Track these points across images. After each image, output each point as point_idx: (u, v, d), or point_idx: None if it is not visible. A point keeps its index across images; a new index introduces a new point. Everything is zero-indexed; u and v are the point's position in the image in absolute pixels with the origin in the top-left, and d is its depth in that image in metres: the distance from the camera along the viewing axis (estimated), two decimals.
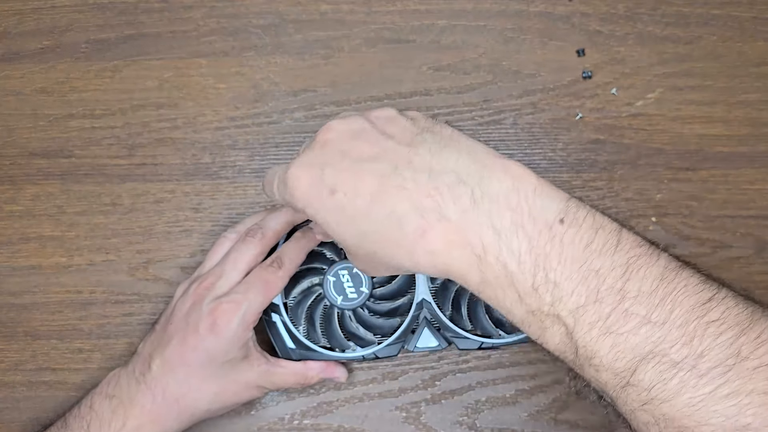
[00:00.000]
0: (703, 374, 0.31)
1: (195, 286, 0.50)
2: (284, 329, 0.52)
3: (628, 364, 0.32)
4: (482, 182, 0.34)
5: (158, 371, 0.48)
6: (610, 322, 0.32)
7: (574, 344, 0.33)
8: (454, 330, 0.51)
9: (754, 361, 0.31)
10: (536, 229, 0.33)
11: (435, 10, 0.60)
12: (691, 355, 0.31)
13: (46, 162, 0.59)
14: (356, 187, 0.36)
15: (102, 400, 0.49)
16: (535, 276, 0.33)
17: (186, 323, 0.49)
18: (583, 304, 0.32)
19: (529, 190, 0.34)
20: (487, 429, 0.55)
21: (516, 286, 0.34)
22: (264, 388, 0.51)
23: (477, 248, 0.34)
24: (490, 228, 0.34)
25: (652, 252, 0.34)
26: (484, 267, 0.34)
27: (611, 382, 0.33)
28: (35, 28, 0.60)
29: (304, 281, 0.53)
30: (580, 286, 0.32)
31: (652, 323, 0.32)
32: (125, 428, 0.48)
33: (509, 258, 0.33)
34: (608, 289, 0.32)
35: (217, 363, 0.48)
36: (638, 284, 0.32)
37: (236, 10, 0.60)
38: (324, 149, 0.38)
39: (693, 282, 0.33)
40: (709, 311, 0.32)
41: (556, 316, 0.33)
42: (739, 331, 0.31)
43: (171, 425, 0.49)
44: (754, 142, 0.58)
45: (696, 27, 0.59)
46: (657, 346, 0.31)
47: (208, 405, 0.49)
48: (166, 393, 0.48)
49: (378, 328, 0.52)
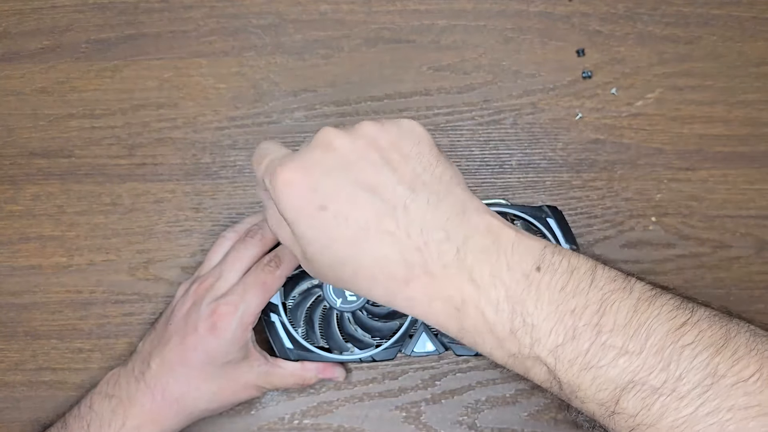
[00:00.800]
0: (683, 396, 0.32)
1: (195, 286, 0.50)
2: (283, 330, 0.52)
3: (610, 394, 0.33)
4: (467, 241, 0.35)
5: (158, 370, 0.48)
6: (589, 356, 0.33)
7: (558, 381, 0.34)
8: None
9: (731, 378, 0.32)
10: (514, 279, 0.34)
11: (435, 10, 0.60)
12: (669, 379, 0.32)
13: (46, 162, 0.59)
14: (349, 213, 0.36)
15: (101, 400, 0.49)
16: (513, 321, 0.34)
17: (185, 323, 0.49)
18: (561, 342, 0.34)
19: (508, 245, 0.35)
20: (487, 429, 0.55)
21: (495, 333, 0.35)
22: (263, 388, 0.51)
23: (456, 301, 0.35)
24: (471, 282, 0.35)
25: (626, 285, 0.35)
26: (462, 317, 0.35)
27: (598, 411, 0.34)
28: (35, 28, 0.60)
29: (304, 282, 0.53)
30: (557, 325, 0.34)
31: (629, 353, 0.33)
32: (125, 428, 0.48)
33: (487, 307, 0.34)
34: (584, 325, 0.33)
35: (217, 363, 0.48)
36: (613, 318, 0.33)
37: (236, 10, 0.60)
38: (325, 156, 0.37)
39: (666, 309, 0.34)
40: (683, 335, 0.33)
41: (536, 357, 0.34)
42: (714, 351, 0.32)
43: (170, 424, 0.49)
44: (754, 142, 0.58)
45: (696, 27, 0.59)
46: (636, 375, 0.33)
47: (206, 404, 0.50)
48: (166, 392, 0.48)
49: (376, 331, 0.52)
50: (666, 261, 0.57)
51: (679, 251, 0.57)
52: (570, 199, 0.58)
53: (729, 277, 0.56)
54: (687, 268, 0.57)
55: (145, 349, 0.50)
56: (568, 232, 0.52)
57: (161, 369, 0.48)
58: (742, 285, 0.56)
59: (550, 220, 0.52)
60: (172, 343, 0.49)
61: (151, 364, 0.49)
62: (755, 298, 0.56)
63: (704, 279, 0.56)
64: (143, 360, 0.49)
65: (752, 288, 0.56)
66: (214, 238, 0.55)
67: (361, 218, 0.35)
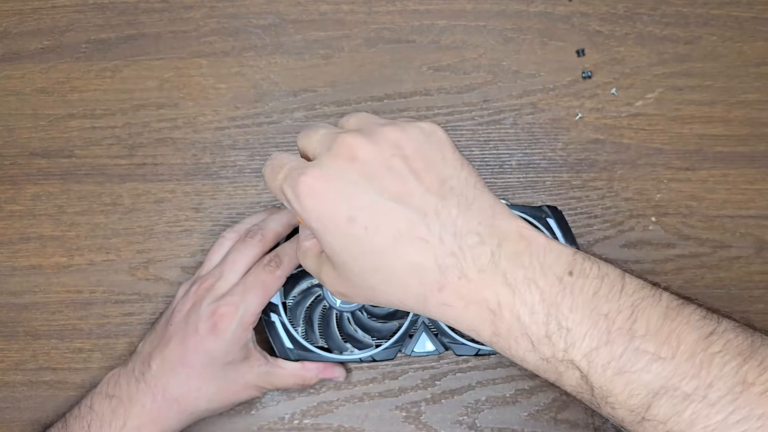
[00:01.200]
0: (714, 403, 0.32)
1: (195, 287, 0.50)
2: (283, 330, 0.52)
3: (642, 400, 0.33)
4: (501, 245, 0.36)
5: (158, 371, 0.48)
6: (623, 361, 0.34)
7: (590, 386, 0.35)
8: (452, 336, 0.51)
9: (760, 386, 0.32)
10: (548, 283, 0.35)
11: (435, 10, 0.60)
12: (701, 386, 0.32)
13: (46, 162, 0.59)
14: (379, 224, 0.35)
15: (102, 400, 0.49)
16: (548, 325, 0.34)
17: (186, 324, 0.49)
18: (595, 346, 0.34)
19: (540, 249, 0.36)
20: (487, 428, 0.55)
21: (530, 336, 0.35)
22: (263, 388, 0.51)
23: (492, 304, 0.35)
24: (505, 285, 0.35)
25: (654, 293, 0.35)
26: (497, 320, 0.35)
27: (627, 418, 0.34)
28: (35, 28, 0.60)
29: (304, 282, 0.53)
30: (592, 329, 0.34)
31: (662, 359, 0.33)
32: (125, 428, 0.48)
33: (522, 310, 0.35)
34: (618, 330, 0.34)
35: (218, 364, 0.48)
36: (645, 323, 0.34)
37: (236, 11, 0.60)
38: (349, 166, 0.36)
39: (695, 318, 0.34)
40: (712, 344, 0.33)
41: (570, 361, 0.34)
42: (742, 360, 0.33)
43: (171, 424, 0.49)
44: (754, 142, 0.58)
45: (696, 27, 0.60)
46: (668, 381, 0.33)
47: (207, 404, 0.50)
48: (167, 392, 0.48)
49: (376, 332, 0.53)
50: (666, 261, 0.57)
51: (679, 251, 0.57)
52: (570, 199, 0.58)
53: (729, 277, 0.56)
54: (687, 268, 0.57)
55: (146, 350, 0.50)
56: (568, 232, 0.52)
57: (162, 369, 0.48)
58: (741, 285, 0.56)
59: (550, 220, 0.52)
60: (172, 344, 0.49)
61: (151, 364, 0.49)
62: (755, 298, 0.56)
63: (704, 279, 0.56)
64: (143, 360, 0.49)
65: (752, 288, 0.56)
66: (214, 238, 0.55)
67: (392, 228, 0.35)
